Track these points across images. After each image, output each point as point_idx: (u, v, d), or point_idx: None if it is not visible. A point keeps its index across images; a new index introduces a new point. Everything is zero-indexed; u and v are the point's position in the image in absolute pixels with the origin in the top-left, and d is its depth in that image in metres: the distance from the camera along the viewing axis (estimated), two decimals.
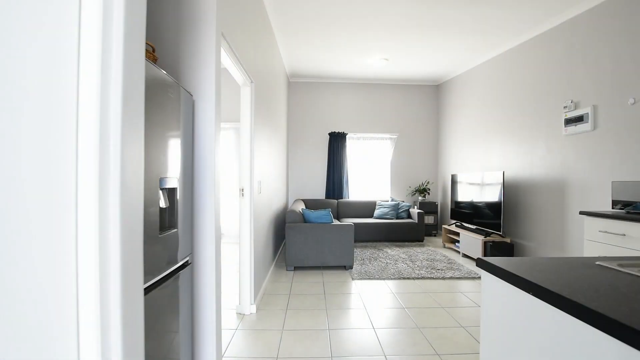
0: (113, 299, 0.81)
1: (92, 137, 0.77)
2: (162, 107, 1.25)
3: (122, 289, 0.82)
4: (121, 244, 0.82)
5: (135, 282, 0.88)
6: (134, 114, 0.87)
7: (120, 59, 0.81)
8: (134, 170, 0.88)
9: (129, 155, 0.85)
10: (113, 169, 0.81)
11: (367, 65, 5.47)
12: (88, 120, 0.77)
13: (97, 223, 0.78)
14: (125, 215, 0.84)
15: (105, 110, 0.79)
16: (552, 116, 3.63)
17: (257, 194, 2.87)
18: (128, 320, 0.84)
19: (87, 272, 0.77)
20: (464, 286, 3.35)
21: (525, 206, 4.03)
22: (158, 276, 1.24)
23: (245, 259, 2.64)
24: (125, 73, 0.83)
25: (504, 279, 0.84)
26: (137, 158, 0.89)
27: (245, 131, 2.62)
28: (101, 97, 0.78)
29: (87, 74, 0.77)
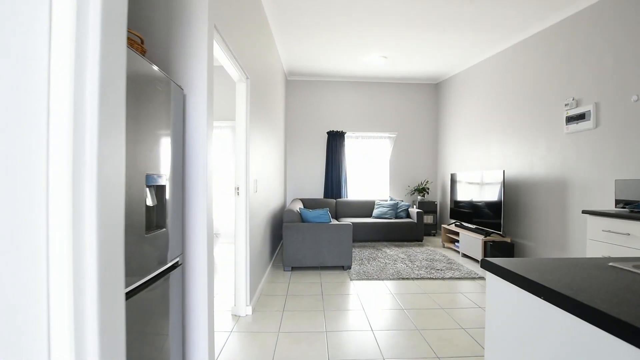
0: (89, 305, 0.75)
1: (65, 129, 0.71)
2: (149, 101, 1.19)
3: (100, 293, 0.76)
4: (99, 244, 0.76)
5: (114, 286, 0.82)
6: (113, 105, 0.81)
7: (97, 45, 0.75)
8: (114, 166, 0.81)
9: (108, 150, 0.79)
10: (89, 164, 0.75)
11: (366, 64, 5.41)
12: (60, 111, 0.71)
13: (71, 222, 0.72)
14: (103, 213, 0.78)
15: (81, 100, 0.73)
16: (553, 114, 3.57)
17: (253, 193, 2.81)
18: (106, 327, 0.78)
19: (60, 276, 0.71)
20: (464, 287, 3.30)
21: (526, 205, 3.98)
22: (145, 278, 1.18)
23: (240, 260, 2.58)
24: (103, 61, 0.77)
25: (511, 281, 0.78)
26: (118, 153, 0.83)
27: (241, 128, 2.56)
28: (75, 85, 0.72)
29: (60, 61, 0.71)
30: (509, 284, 0.80)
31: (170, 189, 1.38)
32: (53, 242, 0.70)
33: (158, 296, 1.32)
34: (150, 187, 1.21)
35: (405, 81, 6.44)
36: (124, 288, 0.85)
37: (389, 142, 6.48)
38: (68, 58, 0.71)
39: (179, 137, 1.48)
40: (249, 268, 2.62)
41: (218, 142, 5.58)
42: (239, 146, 2.56)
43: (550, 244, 3.59)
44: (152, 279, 1.26)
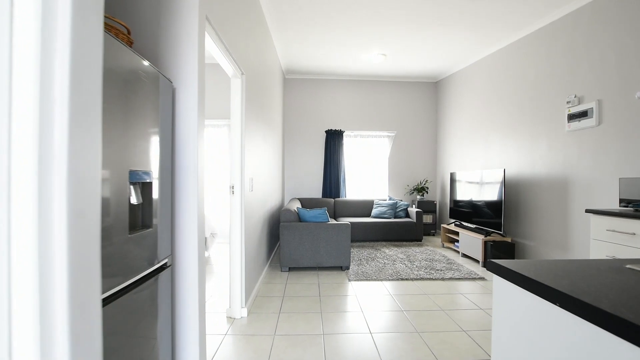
0: (59, 313, 0.68)
1: (30, 118, 0.64)
2: (134, 94, 1.12)
3: (71, 299, 0.69)
4: (69, 246, 0.69)
5: (89, 290, 0.75)
6: (88, 94, 0.74)
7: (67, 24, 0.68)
8: (88, 160, 0.75)
9: (81, 143, 0.72)
10: (58, 157, 0.68)
11: (364, 62, 5.35)
12: (24, 98, 0.64)
13: (36, 221, 0.65)
14: (75, 211, 0.71)
15: (48, 86, 0.66)
16: (555, 112, 3.52)
17: (249, 192, 2.74)
18: (79, 336, 0.71)
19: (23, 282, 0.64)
20: (464, 287, 3.24)
21: (527, 205, 3.92)
22: (129, 280, 1.11)
23: (235, 260, 2.51)
24: (75, 44, 0.70)
25: (521, 285, 0.72)
26: (93, 146, 0.76)
27: (236, 125, 2.49)
28: (42, 68, 0.65)
29: (24, 41, 0.64)
30: (519, 288, 0.73)
31: (158, 187, 1.32)
32: (15, 245, 0.63)
33: (146, 299, 1.25)
34: (134, 185, 1.14)
35: (404, 79, 6.38)
36: (100, 293, 0.78)
37: (388, 141, 6.42)
38: (33, 38, 0.64)
39: (167, 133, 1.41)
40: (244, 269, 2.55)
41: (214, 140, 5.51)
42: (233, 144, 2.50)
43: (552, 244, 3.53)
44: (139, 281, 1.20)
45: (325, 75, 6.22)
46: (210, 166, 5.50)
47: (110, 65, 1.00)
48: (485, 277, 3.55)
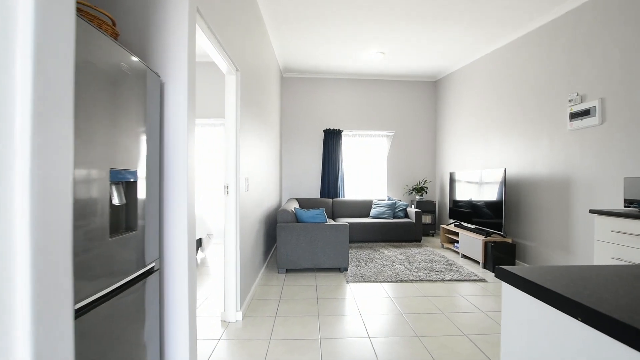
0: (20, 326, 0.61)
1: None
2: (117, 87, 1.05)
3: (35, 312, 0.62)
4: (33, 251, 0.62)
5: (57, 300, 0.68)
6: (56, 85, 0.67)
7: (30, 8, 0.61)
8: (57, 157, 0.67)
9: (47, 138, 0.65)
10: (20, 154, 0.61)
11: (363, 60, 5.28)
12: None
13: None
14: (40, 213, 0.63)
15: (6, 73, 0.59)
16: (556, 110, 3.46)
17: (244, 192, 2.67)
18: (44, 353, 0.64)
19: None
20: (464, 289, 3.18)
21: (527, 205, 3.87)
22: (110, 286, 1.03)
23: (230, 262, 2.44)
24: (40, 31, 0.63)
25: (536, 295, 0.65)
26: (63, 142, 0.69)
27: (230, 123, 2.41)
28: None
29: None
30: (533, 298, 0.66)
31: (145, 187, 1.24)
32: None
33: (132, 304, 1.18)
34: (117, 184, 1.07)
35: (403, 78, 6.32)
36: (72, 305, 0.71)
37: (387, 140, 6.36)
38: None
39: (155, 130, 1.33)
40: (239, 271, 2.48)
41: (210, 140, 5.43)
42: (228, 142, 2.42)
43: (553, 245, 3.47)
44: (124, 286, 1.12)
45: (324, 74, 6.15)
46: (206, 166, 5.42)
47: (92, 57, 0.93)
48: (486, 279, 3.49)
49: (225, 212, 2.43)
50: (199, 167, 5.39)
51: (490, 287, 3.26)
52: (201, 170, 5.40)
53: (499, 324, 2.43)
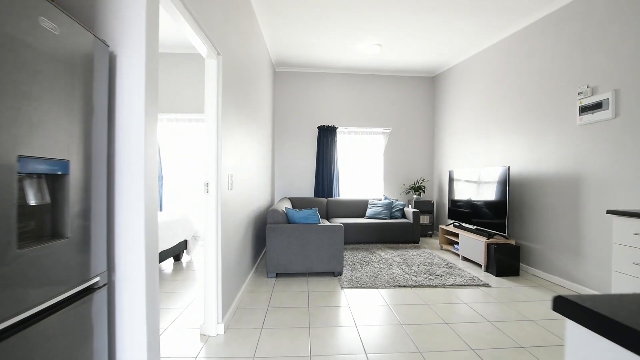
0: None
1: None
2: (28, 46, 0.79)
3: None
4: None
5: None
6: None
7: None
8: None
9: None
10: None
11: (358, 53, 5.04)
12: None
13: None
14: None
15: None
16: (564, 105, 3.25)
17: (227, 190, 2.41)
18: None
19: None
20: (467, 295, 2.95)
21: (532, 205, 3.66)
22: (22, 314, 0.77)
23: (210, 269, 2.18)
24: None
25: (623, 343, 0.41)
26: None
27: (211, 113, 2.15)
28: None
29: None
30: (619, 347, 0.42)
31: (83, 182, 0.98)
32: None
33: (68, 328, 0.92)
34: (33, 178, 0.81)
35: (400, 74, 6.09)
36: None
37: (383, 137, 6.13)
38: None
39: (102, 110, 1.07)
40: (220, 278, 2.22)
41: (196, 136, 5.15)
42: (208, 134, 2.16)
43: (561, 248, 3.26)
44: (54, 307, 0.87)
45: (318, 69, 5.89)
46: (191, 164, 5.14)
47: None
48: (489, 283, 3.27)
49: (205, 213, 2.17)
50: (183, 165, 5.11)
51: (494, 292, 3.04)
52: (185, 168, 5.12)
53: (507, 335, 2.20)
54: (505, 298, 2.90)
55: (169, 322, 2.38)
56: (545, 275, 3.46)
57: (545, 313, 2.59)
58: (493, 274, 3.59)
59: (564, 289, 3.14)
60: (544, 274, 3.47)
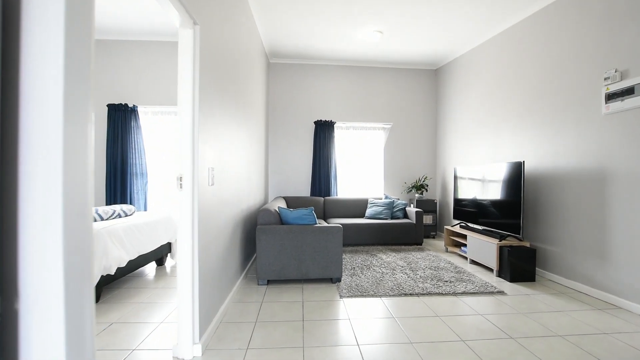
0: None
1: None
2: None
3: None
4: None
5: None
6: None
7: None
8: None
9: None
10: None
11: (358, 42, 4.70)
12: None
13: None
14: None
15: None
16: (587, 92, 2.93)
17: (208, 186, 2.06)
18: None
19: None
20: (482, 305, 2.62)
21: (548, 203, 3.34)
22: None
23: (184, 279, 1.83)
24: None
25: None
26: None
27: (185, 93, 1.80)
28: None
29: None
30: None
31: None
32: None
33: None
34: None
35: (401, 66, 5.77)
36: None
37: (383, 133, 5.80)
38: None
39: None
40: (197, 291, 1.87)
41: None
42: (182, 119, 1.81)
43: (583, 250, 2.95)
44: None
45: (315, 60, 5.55)
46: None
47: None
48: (504, 290, 2.95)
49: (179, 213, 1.82)
50: (168, 162, 4.74)
51: (511, 301, 2.71)
52: (170, 165, 4.76)
53: (536, 356, 1.87)
54: (525, 308, 2.58)
55: (139, 341, 2.02)
56: (565, 280, 3.14)
57: (573, 326, 2.26)
58: (507, 280, 3.27)
59: (589, 297, 2.83)
60: (563, 279, 3.16)
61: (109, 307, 2.54)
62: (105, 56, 4.54)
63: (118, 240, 2.76)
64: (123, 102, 4.58)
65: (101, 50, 4.53)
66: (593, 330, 2.21)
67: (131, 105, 4.55)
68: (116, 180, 4.53)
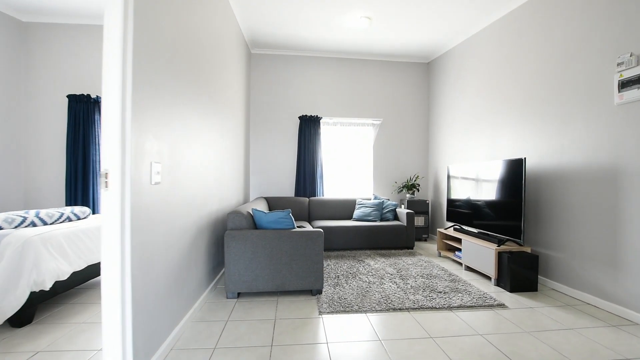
0: None
1: None
2: None
3: None
4: None
5: None
6: None
7: None
8: None
9: None
10: None
11: (345, 30, 4.34)
12: None
13: None
14: None
15: None
16: (597, 80, 2.63)
17: (150, 185, 1.67)
18: None
19: None
20: (481, 322, 2.28)
21: (551, 204, 3.03)
22: None
23: (110, 303, 1.43)
24: None
25: None
26: None
27: (111, 68, 1.41)
28: None
29: None
30: None
31: None
32: None
33: None
34: None
35: (392, 58, 5.43)
36: None
37: (373, 129, 5.45)
38: None
39: None
40: (131, 316, 1.48)
41: None
42: (106, 99, 1.42)
43: (591, 256, 2.64)
44: None
45: (299, 51, 5.18)
46: None
47: None
48: (505, 303, 2.62)
49: (102, 218, 1.42)
50: None
51: (513, 316, 2.38)
52: None
53: None
54: (531, 325, 2.24)
55: None
56: (570, 290, 2.83)
57: (589, 349, 1.93)
58: (506, 289, 2.94)
59: (599, 310, 2.51)
60: (568, 288, 2.85)
61: (41, 330, 2.12)
62: (67, 42, 4.09)
63: (57, 248, 2.33)
64: (85, 93, 4.14)
65: (62, 35, 4.07)
66: (613, 355, 1.88)
67: (94, 97, 4.11)
68: (77, 179, 4.08)
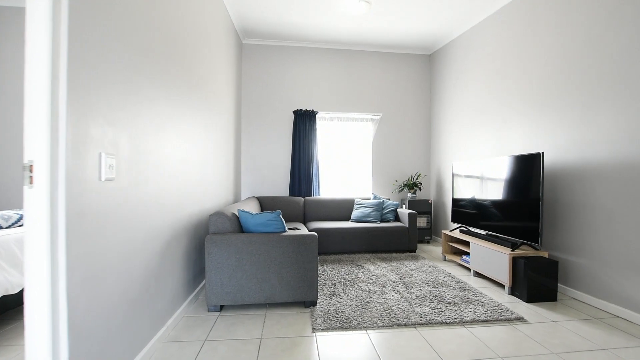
0: None
1: None
2: None
3: None
4: None
5: None
6: None
7: None
8: None
9: None
10: None
11: (342, 15, 4.02)
12: None
13: None
14: None
15: None
16: (627, 64, 2.32)
17: (98, 182, 1.34)
18: None
19: None
20: (500, 340, 1.97)
21: (572, 205, 2.73)
22: None
23: (36, 330, 1.11)
24: None
25: None
26: None
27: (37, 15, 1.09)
28: None
29: None
30: None
31: None
32: None
33: None
34: None
35: (392, 50, 5.12)
36: None
37: (372, 125, 5.14)
38: None
39: None
40: (66, 352, 1.15)
41: None
42: (30, 45, 1.09)
43: (621, 264, 2.34)
44: None
45: (294, 41, 4.85)
46: None
47: None
48: (524, 317, 2.31)
49: (25, 223, 1.10)
50: None
51: (534, 332, 2.07)
52: None
53: None
54: (557, 344, 1.94)
55: None
56: (594, 300, 2.53)
57: None
58: (522, 299, 2.64)
59: (632, 325, 2.21)
60: (591, 298, 2.55)
61: None
62: None
63: (8, 257, 2.00)
64: None
65: None
66: None
67: None
68: None
